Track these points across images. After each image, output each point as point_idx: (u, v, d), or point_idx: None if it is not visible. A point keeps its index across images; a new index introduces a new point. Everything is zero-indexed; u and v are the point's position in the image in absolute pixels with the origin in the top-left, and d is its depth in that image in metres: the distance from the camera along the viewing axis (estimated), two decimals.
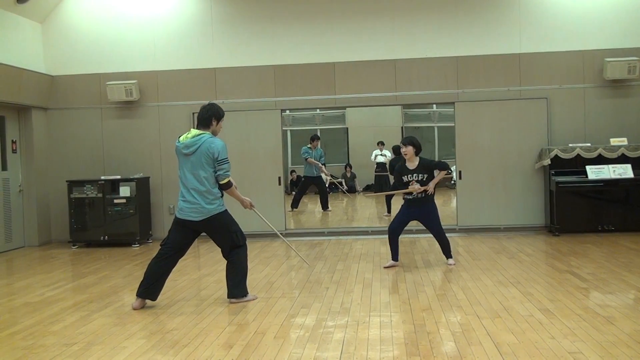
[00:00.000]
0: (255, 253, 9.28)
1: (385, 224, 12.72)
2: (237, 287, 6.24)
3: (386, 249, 9.16)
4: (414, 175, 7.63)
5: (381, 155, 18.86)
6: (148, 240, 10.84)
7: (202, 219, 6.06)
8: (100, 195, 10.50)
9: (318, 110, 19.62)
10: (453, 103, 10.76)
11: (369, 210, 15.30)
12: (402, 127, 20.64)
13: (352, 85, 10.88)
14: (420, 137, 21.72)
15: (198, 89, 11.07)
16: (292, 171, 19.19)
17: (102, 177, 10.62)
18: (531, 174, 10.49)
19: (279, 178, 10.90)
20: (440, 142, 21.83)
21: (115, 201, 10.47)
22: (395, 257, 7.88)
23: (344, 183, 17.79)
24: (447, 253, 7.91)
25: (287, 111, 11.94)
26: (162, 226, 11.09)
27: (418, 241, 9.88)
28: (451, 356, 4.39)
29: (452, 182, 19.19)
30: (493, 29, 10.69)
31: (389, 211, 13.49)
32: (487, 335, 4.83)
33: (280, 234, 7.98)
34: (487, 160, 10.60)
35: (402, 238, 10.18)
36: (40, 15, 11.13)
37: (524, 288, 6.38)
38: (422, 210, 7.74)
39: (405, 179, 7.67)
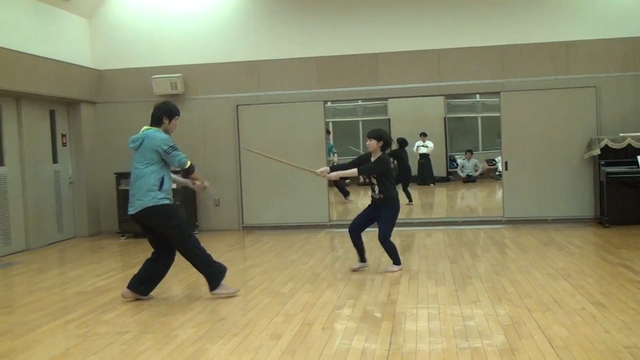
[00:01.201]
0: (299, 244, 9.33)
1: (427, 215, 12.66)
2: (210, 280, 6.11)
3: (431, 241, 9.13)
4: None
5: (423, 146, 18.74)
6: (194, 231, 10.97)
7: (135, 212, 6.01)
8: None
9: (360, 101, 19.56)
10: (498, 93, 10.60)
11: (413, 201, 15.20)
12: (444, 118, 20.46)
13: (395, 76, 10.80)
14: (464, 127, 21.74)
15: (241, 81, 11.14)
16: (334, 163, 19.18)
17: None
18: (580, 164, 10.27)
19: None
20: (484, 133, 21.56)
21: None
22: (361, 258, 7.22)
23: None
24: (394, 259, 7.14)
25: (329, 103, 11.91)
26: (208, 218, 11.24)
27: (464, 233, 9.79)
28: (502, 349, 4.33)
29: (498, 173, 18.98)
30: (539, 17, 10.47)
31: (410, 200, 13.99)
32: (539, 328, 4.76)
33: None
34: (534, 151, 10.41)
35: (448, 229, 10.13)
36: (87, 11, 11.34)
37: (574, 281, 6.26)
38: (379, 212, 7.03)
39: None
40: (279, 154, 10.88)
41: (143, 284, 6.15)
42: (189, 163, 6.10)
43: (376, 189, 7.00)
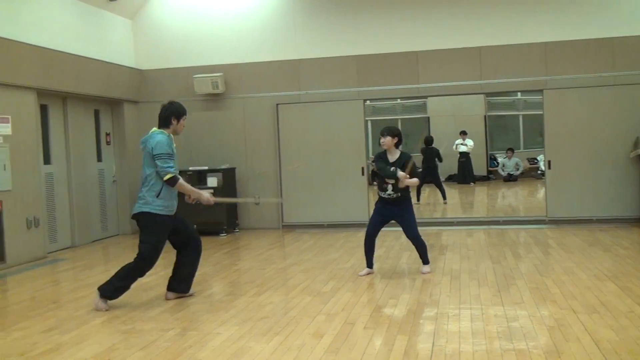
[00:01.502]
0: (340, 243, 9.33)
1: (467, 215, 12.54)
2: (105, 289, 5.91)
3: (472, 240, 9.04)
4: (393, 169, 6.66)
5: (463, 144, 18.56)
6: (235, 230, 11.08)
7: (132, 215, 6.15)
8: None
9: (399, 99, 19.46)
10: (541, 90, 10.43)
11: (452, 201, 15.08)
12: (484, 116, 20.22)
13: (435, 74, 10.72)
14: (505, 125, 21.45)
15: (281, 80, 11.19)
16: (373, 161, 19.11)
17: (190, 168, 10.91)
18: (626, 163, 10.04)
19: (362, 168, 10.89)
20: (525, 131, 21.25)
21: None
22: (369, 263, 7.02)
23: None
24: (424, 258, 7.03)
25: (368, 101, 11.89)
26: (248, 217, 11.32)
27: (506, 232, 9.66)
28: (547, 352, 4.27)
29: (539, 172, 18.69)
30: (584, 13, 10.28)
31: (445, 198, 13.88)
32: (585, 331, 4.67)
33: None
34: (578, 149, 10.21)
35: (490, 229, 10.02)
36: (130, 11, 11.53)
37: (622, 283, 6.12)
38: (398, 210, 6.84)
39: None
40: (318, 152, 10.98)
41: (180, 282, 6.22)
42: (168, 175, 5.77)
43: (389, 187, 6.71)
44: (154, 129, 6.03)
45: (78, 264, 8.63)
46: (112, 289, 5.91)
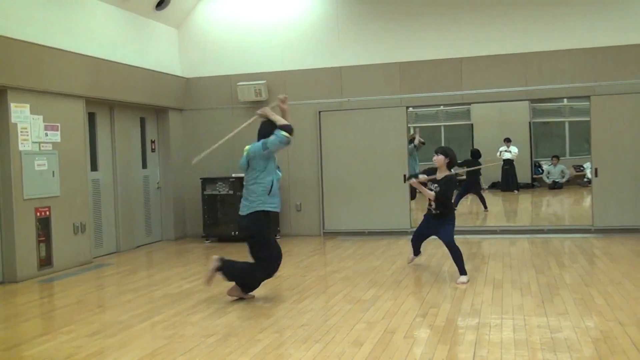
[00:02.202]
0: (380, 251, 9.30)
1: (510, 223, 12.35)
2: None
3: (515, 249, 8.91)
4: (434, 185, 7.07)
5: (507, 151, 18.29)
6: (276, 236, 11.10)
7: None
8: (231, 192, 10.92)
9: (442, 106, 19.31)
10: (588, 97, 10.22)
11: (496, 209, 14.88)
12: (529, 122, 19.90)
13: (479, 80, 10.61)
14: (550, 132, 21.07)
15: (324, 87, 11.23)
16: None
17: (233, 175, 11.02)
18: None
19: (404, 175, 10.83)
20: (571, 138, 20.83)
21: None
22: (416, 252, 7.91)
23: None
24: (460, 268, 7.03)
25: (411, 108, 11.83)
26: (290, 223, 11.37)
27: (550, 241, 9.48)
28: None
29: (586, 179, 18.28)
30: (632, 18, 10.04)
31: (485, 207, 13.62)
32: (632, 344, 4.55)
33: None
34: (626, 157, 9.97)
35: (534, 238, 9.84)
36: (176, 21, 11.73)
37: None
38: (437, 224, 7.21)
39: (429, 185, 7.12)
40: (360, 159, 10.97)
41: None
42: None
43: (433, 204, 7.15)
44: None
45: (122, 269, 8.80)
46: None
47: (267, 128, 6.59)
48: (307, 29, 11.36)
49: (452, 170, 7.21)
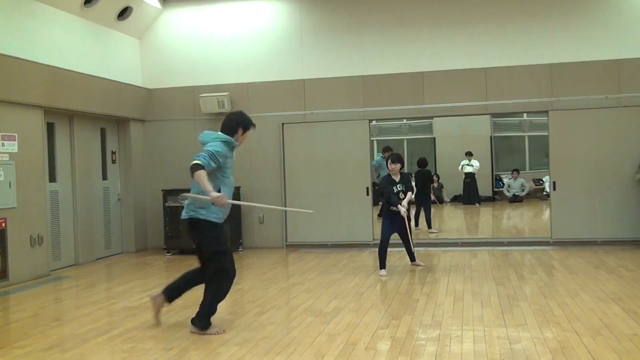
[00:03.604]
0: (343, 263, 9.31)
1: (472, 235, 12.49)
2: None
3: (476, 261, 9.01)
4: (399, 185, 8.32)
5: (469, 165, 18.55)
6: (238, 248, 11.06)
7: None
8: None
9: (405, 120, 19.50)
10: (547, 112, 10.43)
11: (457, 222, 15.04)
12: (490, 137, 20.22)
13: (441, 94, 10.74)
14: (510, 146, 21.43)
15: (287, 100, 11.24)
16: (378, 184, 19.10)
17: None
18: (631, 185, 10.00)
19: (367, 188, 10.88)
20: (531, 152, 21.22)
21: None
22: (384, 265, 8.33)
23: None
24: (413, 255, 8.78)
25: (374, 121, 11.91)
26: (252, 235, 11.31)
27: (510, 253, 9.61)
28: None
29: (545, 193, 18.62)
30: (590, 35, 10.31)
31: (416, 225, 12.63)
32: (588, 353, 4.63)
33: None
34: (583, 171, 10.19)
35: (494, 250, 9.97)
36: (138, 31, 11.63)
37: (626, 305, 6.07)
38: (401, 223, 8.33)
39: (395, 189, 8.29)
40: (323, 172, 10.99)
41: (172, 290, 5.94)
42: (195, 161, 5.35)
43: (403, 210, 8.17)
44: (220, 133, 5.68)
45: (81, 281, 8.63)
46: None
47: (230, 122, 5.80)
48: (271, 41, 11.37)
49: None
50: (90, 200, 10.46)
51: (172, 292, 5.88)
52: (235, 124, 5.75)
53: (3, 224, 8.34)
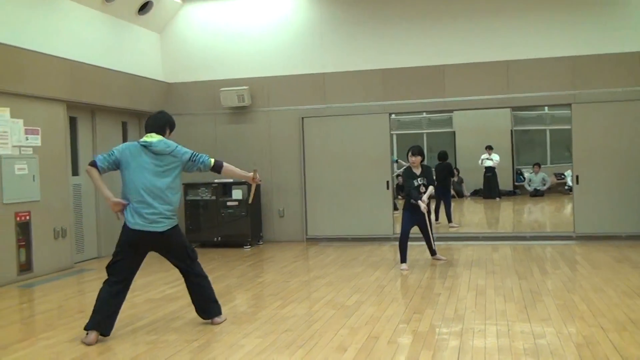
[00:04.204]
0: (364, 257, 9.30)
1: (492, 230, 12.41)
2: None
3: (498, 256, 8.95)
4: (420, 179, 8.23)
5: (489, 159, 18.41)
6: (259, 242, 11.09)
7: (163, 231, 5.45)
8: (213, 197, 10.88)
9: (424, 113, 19.41)
10: (569, 105, 10.32)
11: (477, 216, 14.96)
12: (511, 130, 20.07)
13: (462, 87, 10.66)
14: (531, 140, 21.24)
15: (307, 94, 11.22)
16: (398, 175, 19.04)
17: (216, 180, 10.96)
18: None
19: (387, 182, 10.85)
20: (552, 146, 21.04)
21: (228, 204, 10.81)
22: (405, 259, 8.29)
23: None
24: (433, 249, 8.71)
25: (393, 115, 11.85)
26: (272, 229, 11.33)
27: (532, 248, 9.54)
28: None
29: (566, 187, 18.46)
30: (614, 26, 10.16)
31: (436, 219, 12.62)
32: (614, 348, 4.58)
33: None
34: (607, 164, 10.07)
35: (516, 245, 9.90)
36: (159, 25, 11.67)
37: None
38: (421, 216, 8.26)
39: (415, 182, 8.22)
40: (343, 166, 10.98)
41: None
42: (213, 159, 5.58)
43: (423, 206, 8.15)
44: (154, 135, 5.51)
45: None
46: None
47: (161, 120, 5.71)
48: (291, 35, 11.36)
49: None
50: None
51: (105, 324, 5.30)
52: (163, 124, 5.68)
53: (27, 217, 8.43)
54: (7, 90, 8.14)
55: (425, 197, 8.16)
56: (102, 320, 5.23)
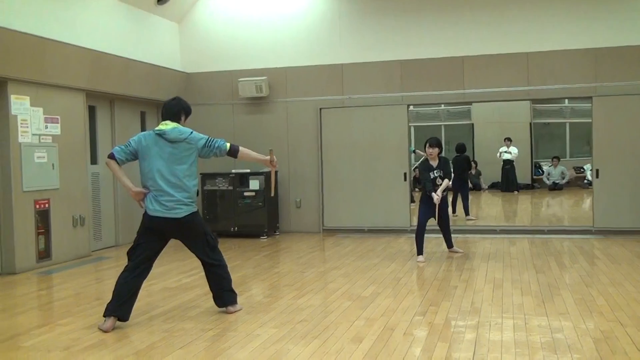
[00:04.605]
0: (380, 248, 9.28)
1: (510, 223, 12.32)
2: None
3: (515, 249, 8.89)
4: (436, 171, 8.19)
5: (507, 152, 18.26)
6: (275, 232, 11.11)
7: (182, 218, 5.50)
8: (231, 187, 10.91)
9: (443, 105, 19.29)
10: (590, 98, 10.19)
11: (495, 209, 14.86)
12: (530, 123, 19.88)
13: (481, 79, 10.57)
14: (550, 133, 21.04)
15: (325, 84, 11.19)
16: (416, 167, 18.95)
17: (233, 171, 10.99)
18: None
19: (405, 174, 10.80)
20: (571, 139, 20.83)
21: (245, 194, 10.83)
22: (422, 251, 8.27)
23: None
24: (451, 242, 8.74)
25: (411, 107, 11.77)
26: (289, 220, 11.34)
27: (550, 242, 9.46)
28: None
29: (586, 181, 18.27)
30: (635, 18, 10.01)
31: (454, 212, 12.48)
32: (633, 344, 4.52)
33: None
34: (628, 158, 9.94)
35: (534, 238, 9.83)
36: (177, 15, 11.69)
37: None
38: (439, 208, 8.22)
39: (432, 175, 8.20)
40: (361, 157, 10.95)
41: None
42: (228, 143, 5.59)
43: (435, 197, 8.05)
44: (168, 123, 5.48)
45: (121, 262, 8.66)
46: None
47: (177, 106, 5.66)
48: (309, 25, 11.32)
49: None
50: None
51: (123, 309, 5.32)
52: (178, 110, 5.62)
53: (47, 205, 8.51)
54: (28, 79, 8.20)
55: (439, 190, 8.08)
56: (121, 305, 5.27)
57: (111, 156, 5.58)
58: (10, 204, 8.00)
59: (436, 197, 8.02)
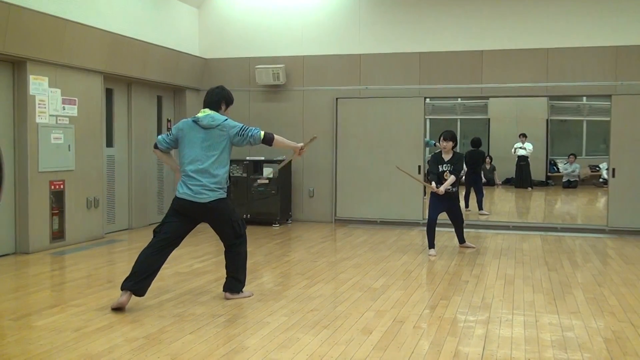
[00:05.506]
0: (392, 240, 9.27)
1: (523, 220, 12.26)
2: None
3: (528, 246, 8.85)
4: (446, 165, 8.11)
5: (522, 148, 18.16)
6: (288, 221, 11.13)
7: (208, 203, 5.58)
8: (244, 175, 10.92)
9: (459, 99, 19.19)
10: (609, 96, 10.09)
11: (508, 205, 14.79)
12: (547, 120, 19.74)
13: (499, 74, 10.49)
14: (567, 130, 20.88)
15: (342, 74, 11.16)
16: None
17: (247, 158, 11.00)
18: None
19: (419, 166, 10.77)
20: (588, 137, 20.66)
21: (259, 181, 10.84)
22: (433, 245, 8.23)
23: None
24: (462, 237, 8.65)
25: (428, 99, 11.70)
26: (302, 209, 11.35)
27: (563, 240, 9.41)
28: None
29: (601, 180, 18.13)
30: None
31: (466, 206, 12.52)
32: None
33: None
34: None
35: (546, 235, 9.78)
36: (198, 1, 11.68)
37: None
38: (450, 204, 8.22)
39: (440, 168, 8.13)
40: (376, 148, 10.92)
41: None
42: (262, 132, 5.62)
43: (433, 185, 8.13)
44: (206, 111, 5.61)
45: (134, 245, 8.81)
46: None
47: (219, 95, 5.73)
48: (328, 14, 11.28)
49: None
50: (144, 166, 10.64)
51: (141, 285, 5.43)
52: (219, 99, 5.70)
53: (62, 186, 8.57)
54: (47, 59, 8.23)
55: (443, 186, 7.96)
56: (139, 280, 5.38)
57: (155, 146, 5.88)
58: (26, 184, 8.06)
59: (441, 189, 7.93)
